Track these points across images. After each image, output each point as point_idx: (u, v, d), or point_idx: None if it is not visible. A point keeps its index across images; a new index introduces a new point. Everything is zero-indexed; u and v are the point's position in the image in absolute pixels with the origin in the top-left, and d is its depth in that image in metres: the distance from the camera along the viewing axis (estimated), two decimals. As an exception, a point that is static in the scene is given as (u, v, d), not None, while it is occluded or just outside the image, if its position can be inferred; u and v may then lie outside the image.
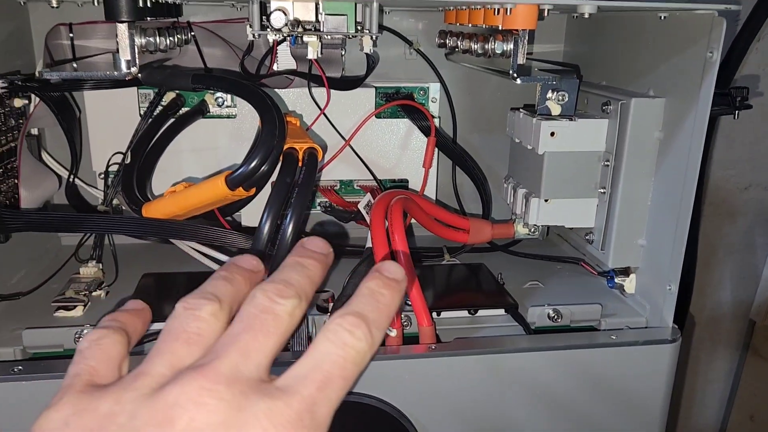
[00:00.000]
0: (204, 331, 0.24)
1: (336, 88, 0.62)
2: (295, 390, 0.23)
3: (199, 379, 0.22)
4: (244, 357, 0.23)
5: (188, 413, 0.21)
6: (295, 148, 0.49)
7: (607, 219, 0.58)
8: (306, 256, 0.27)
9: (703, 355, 1.24)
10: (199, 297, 0.25)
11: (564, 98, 0.56)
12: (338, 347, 0.24)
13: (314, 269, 0.27)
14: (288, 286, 0.25)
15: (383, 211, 0.54)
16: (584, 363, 0.52)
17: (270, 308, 0.24)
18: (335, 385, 0.23)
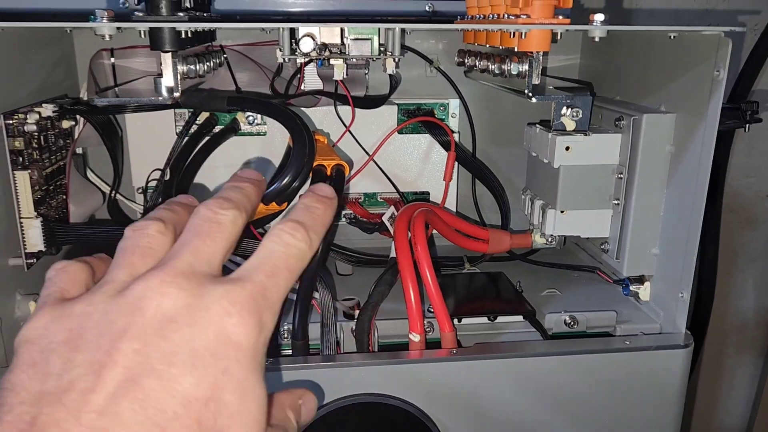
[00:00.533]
0: (154, 245, 0.27)
1: (360, 107, 0.65)
2: (248, 278, 0.26)
3: (159, 275, 0.25)
4: (196, 256, 0.26)
5: (155, 301, 0.24)
6: (324, 165, 0.52)
7: (621, 229, 0.61)
8: (240, 181, 0.31)
9: (727, 361, 1.25)
10: (143, 220, 0.28)
11: (578, 114, 0.59)
12: (281, 245, 0.27)
13: (249, 189, 0.30)
14: (226, 200, 0.28)
15: (406, 223, 0.57)
16: (599, 367, 0.54)
17: (213, 217, 0.27)
18: (282, 274, 0.27)
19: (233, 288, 0.25)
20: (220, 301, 0.25)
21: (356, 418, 0.52)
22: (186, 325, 0.24)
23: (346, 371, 0.51)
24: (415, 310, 0.54)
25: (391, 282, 0.56)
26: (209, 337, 0.24)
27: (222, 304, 0.24)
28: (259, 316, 0.25)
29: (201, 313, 0.24)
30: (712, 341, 1.18)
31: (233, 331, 0.24)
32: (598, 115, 0.64)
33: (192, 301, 0.24)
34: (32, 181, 0.54)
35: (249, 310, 0.25)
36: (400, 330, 0.56)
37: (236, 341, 0.24)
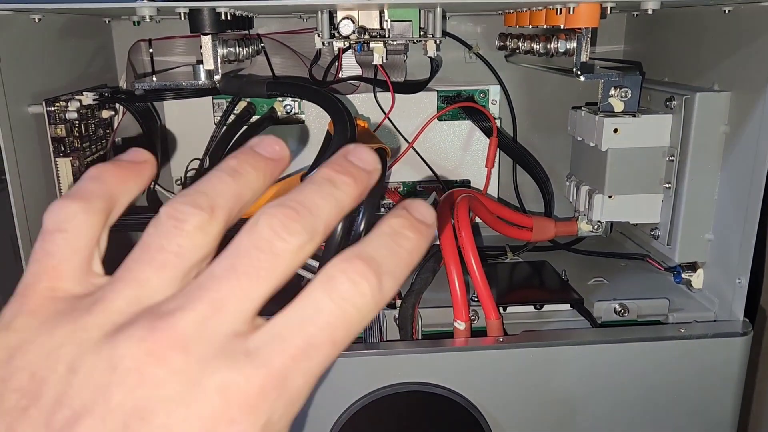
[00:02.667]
0: (185, 249, 0.19)
1: (400, 92, 0.64)
2: (266, 358, 0.18)
3: (149, 341, 0.18)
4: (216, 310, 0.18)
5: (128, 384, 0.17)
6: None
7: (672, 214, 0.59)
8: (342, 172, 0.20)
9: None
10: (188, 200, 0.19)
11: (627, 95, 0.57)
12: (334, 302, 0.18)
13: (348, 192, 0.20)
14: (302, 214, 0.19)
15: (449, 209, 0.56)
16: (652, 356, 0.52)
17: (270, 244, 0.19)
18: (320, 351, 0.18)
19: (236, 380, 0.18)
20: (212, 399, 0.18)
21: (400, 408, 0.51)
22: (156, 427, 0.17)
23: (390, 359, 0.50)
24: (460, 298, 0.52)
25: (435, 269, 0.55)
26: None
27: (213, 402, 0.18)
28: (265, 419, 0.18)
29: (182, 411, 0.17)
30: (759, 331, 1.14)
31: (223, 429, 0.17)
32: (646, 96, 0.62)
33: (176, 393, 0.18)
34: (74, 169, 0.54)
35: (251, 411, 0.18)
36: (444, 318, 0.55)
37: None
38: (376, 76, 0.62)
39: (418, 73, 0.71)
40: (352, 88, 0.64)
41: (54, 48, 0.57)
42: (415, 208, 0.20)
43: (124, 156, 0.22)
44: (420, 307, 0.55)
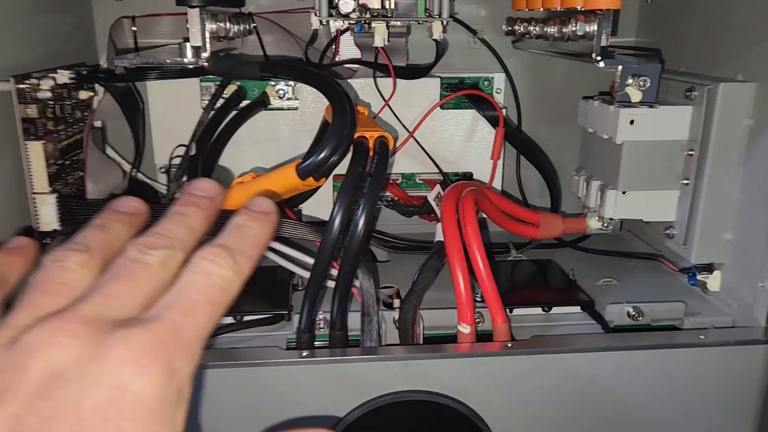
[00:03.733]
0: (71, 281, 0.23)
1: (402, 77, 0.60)
2: (156, 317, 0.22)
3: (54, 321, 0.21)
4: (107, 299, 0.22)
5: (42, 354, 0.20)
6: (366, 137, 0.47)
7: (690, 212, 0.55)
8: (188, 204, 0.26)
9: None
10: (67, 248, 0.24)
11: (645, 84, 0.53)
12: (201, 276, 0.24)
13: (195, 217, 0.26)
14: (161, 237, 0.24)
15: (454, 203, 0.52)
16: (669, 365, 0.49)
17: (139, 258, 0.23)
18: (201, 309, 0.23)
19: (135, 331, 0.21)
20: (117, 349, 0.20)
21: (399, 418, 0.47)
22: (73, 380, 0.20)
23: (389, 365, 0.46)
24: (465, 299, 0.48)
25: (438, 268, 0.51)
26: (100, 394, 0.20)
27: (119, 352, 0.20)
28: (166, 362, 0.21)
29: (93, 364, 0.20)
30: None
31: (131, 382, 0.20)
32: (663, 87, 0.58)
33: (85, 352, 0.20)
34: (47, 153, 0.50)
35: (152, 355, 0.21)
36: (447, 321, 0.51)
37: (135, 394, 0.20)
38: (376, 60, 0.58)
39: (418, 58, 0.67)
40: (350, 73, 0.60)
41: (27, 21, 0.52)
42: (253, 203, 0.27)
43: (10, 243, 0.27)
44: (422, 308, 0.51)
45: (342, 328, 0.48)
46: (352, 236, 0.45)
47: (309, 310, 0.47)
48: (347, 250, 0.45)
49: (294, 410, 0.46)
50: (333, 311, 0.47)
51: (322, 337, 0.49)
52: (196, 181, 0.28)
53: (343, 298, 0.47)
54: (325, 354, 0.46)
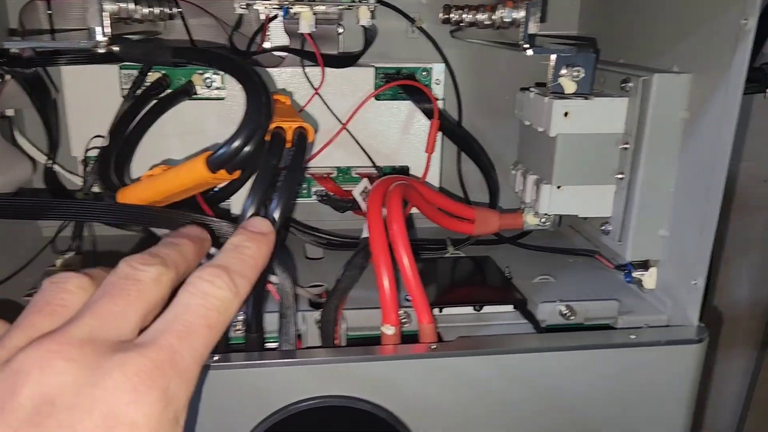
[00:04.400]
0: (69, 302, 0.23)
1: (331, 66, 0.57)
2: (152, 342, 0.22)
3: (46, 344, 0.20)
4: (100, 319, 0.22)
5: (34, 378, 0.19)
6: (283, 128, 0.44)
7: (625, 207, 0.54)
8: (180, 236, 0.28)
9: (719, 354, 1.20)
10: (67, 273, 0.24)
11: (579, 74, 0.51)
12: (198, 297, 0.23)
13: (185, 247, 0.27)
14: (154, 256, 0.25)
15: (381, 198, 0.49)
16: (600, 364, 0.47)
17: (131, 275, 0.23)
18: (198, 333, 0.23)
19: (130, 356, 0.21)
20: (113, 374, 0.20)
21: (318, 425, 0.45)
22: (66, 408, 0.19)
23: (308, 369, 0.44)
24: (389, 299, 0.46)
25: (362, 266, 0.49)
26: (93, 422, 0.19)
27: (114, 377, 0.20)
28: (163, 388, 0.21)
29: (87, 390, 0.20)
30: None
31: (126, 410, 0.20)
32: (600, 78, 0.56)
33: (79, 376, 0.20)
34: (-63, 144, 0.46)
35: (149, 382, 0.20)
36: (371, 321, 0.49)
37: (130, 423, 0.20)
38: (303, 47, 0.55)
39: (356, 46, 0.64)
40: (278, 60, 0.57)
41: None
42: (250, 224, 0.29)
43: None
44: (345, 308, 0.49)
45: (258, 330, 0.45)
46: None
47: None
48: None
49: (204, 419, 0.43)
50: (248, 312, 0.44)
51: (240, 339, 0.46)
52: (185, 229, 0.29)
53: (257, 298, 0.44)
54: (238, 358, 0.44)
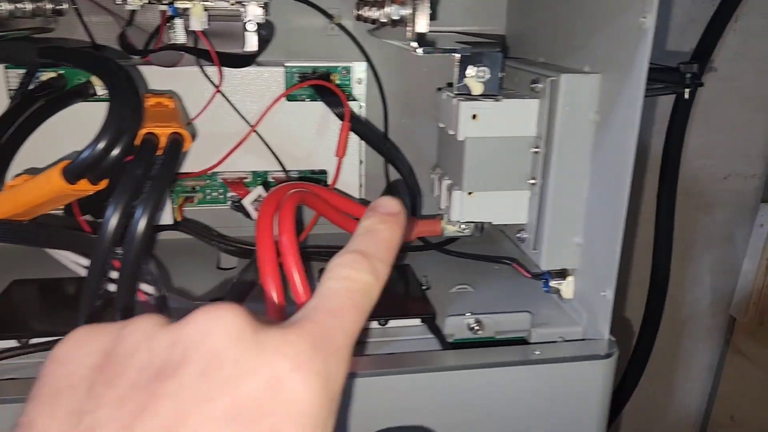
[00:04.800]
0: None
1: (228, 65, 0.54)
2: (307, 318, 0.22)
3: (223, 305, 0.21)
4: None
5: (204, 332, 0.20)
6: (155, 133, 0.41)
7: (538, 214, 0.51)
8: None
9: (682, 352, 1.18)
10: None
11: (485, 75, 0.48)
12: (341, 281, 0.23)
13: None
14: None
15: (273, 208, 0.46)
16: (504, 382, 0.45)
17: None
18: (347, 314, 0.22)
19: (290, 329, 0.21)
20: (275, 339, 0.20)
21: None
22: (232, 363, 0.19)
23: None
24: (276, 317, 0.43)
25: (253, 281, 0.46)
26: (258, 384, 0.19)
27: (276, 342, 0.20)
28: (322, 364, 0.20)
29: (252, 350, 0.20)
30: (667, 331, 1.11)
31: (289, 377, 0.20)
32: (515, 79, 0.53)
33: (244, 336, 0.20)
34: None
35: (309, 352, 0.20)
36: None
37: (292, 393, 0.19)
38: (196, 45, 0.52)
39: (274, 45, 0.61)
40: (176, 59, 0.54)
41: None
42: (380, 205, 0.27)
43: None
44: (234, 325, 0.46)
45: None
46: (126, 246, 0.39)
47: None
48: (123, 264, 0.39)
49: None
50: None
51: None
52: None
53: (125, 314, 0.41)
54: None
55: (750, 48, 0.85)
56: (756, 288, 1.04)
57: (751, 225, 1.02)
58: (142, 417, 0.18)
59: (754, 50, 0.85)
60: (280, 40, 0.63)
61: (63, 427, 0.19)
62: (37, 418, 0.20)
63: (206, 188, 0.62)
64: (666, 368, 1.17)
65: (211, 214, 0.64)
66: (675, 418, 1.23)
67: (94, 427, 0.19)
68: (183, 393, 0.19)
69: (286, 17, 0.63)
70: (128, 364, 0.20)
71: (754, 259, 1.04)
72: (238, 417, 0.19)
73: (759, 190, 0.98)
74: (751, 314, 1.02)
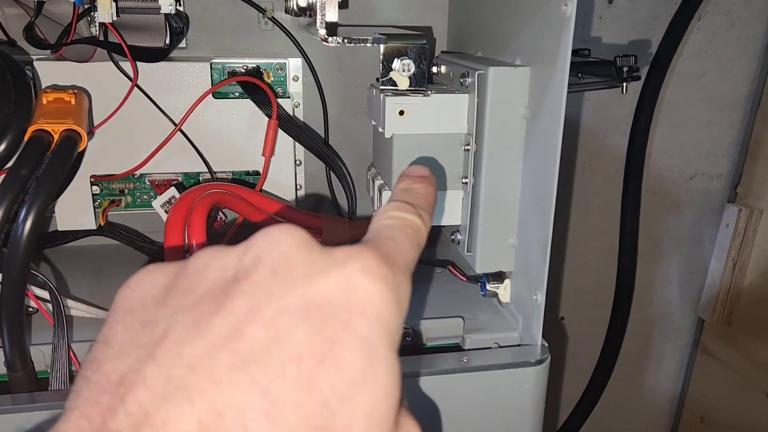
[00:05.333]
0: None
1: (141, 60, 0.51)
2: (371, 239, 0.22)
3: (286, 224, 0.21)
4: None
5: (273, 242, 0.20)
6: (47, 130, 0.38)
7: (471, 215, 0.49)
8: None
9: (652, 353, 1.17)
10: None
11: (409, 68, 0.46)
12: (393, 219, 0.24)
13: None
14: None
15: (185, 210, 0.44)
16: (434, 391, 0.42)
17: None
18: (404, 241, 0.23)
19: (355, 246, 0.21)
20: (344, 250, 0.20)
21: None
22: (303, 263, 0.20)
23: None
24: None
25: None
26: (330, 282, 0.19)
27: (345, 252, 0.20)
28: (390, 273, 0.20)
29: (322, 256, 0.20)
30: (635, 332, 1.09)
31: (360, 281, 0.20)
32: (449, 74, 0.51)
33: (315, 246, 0.20)
34: None
35: (377, 264, 0.20)
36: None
37: (364, 293, 0.19)
38: (107, 38, 0.49)
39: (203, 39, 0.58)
40: (89, 53, 0.51)
41: None
42: (409, 170, 0.28)
43: None
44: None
45: (25, 366, 0.39)
46: (10, 251, 0.36)
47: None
48: (6, 269, 0.36)
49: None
50: (5, 347, 0.38)
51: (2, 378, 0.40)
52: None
53: (12, 328, 0.38)
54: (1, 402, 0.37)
55: (714, 47, 0.84)
56: (723, 288, 1.03)
57: (718, 225, 1.01)
58: (217, 315, 0.19)
59: (718, 49, 0.84)
60: (211, 36, 0.61)
61: (139, 335, 0.19)
62: (112, 334, 0.20)
63: (135, 191, 0.59)
64: (635, 370, 1.16)
65: (141, 217, 0.61)
66: (645, 420, 1.22)
67: (168, 330, 0.19)
68: (256, 291, 0.19)
69: (217, 11, 0.60)
70: (200, 278, 0.20)
71: (721, 260, 1.03)
72: (311, 312, 0.19)
73: (725, 190, 0.97)
74: (718, 315, 1.00)
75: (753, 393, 0.95)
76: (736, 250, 0.97)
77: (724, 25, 0.83)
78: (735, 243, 0.96)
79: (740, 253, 0.99)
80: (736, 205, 0.93)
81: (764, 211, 0.91)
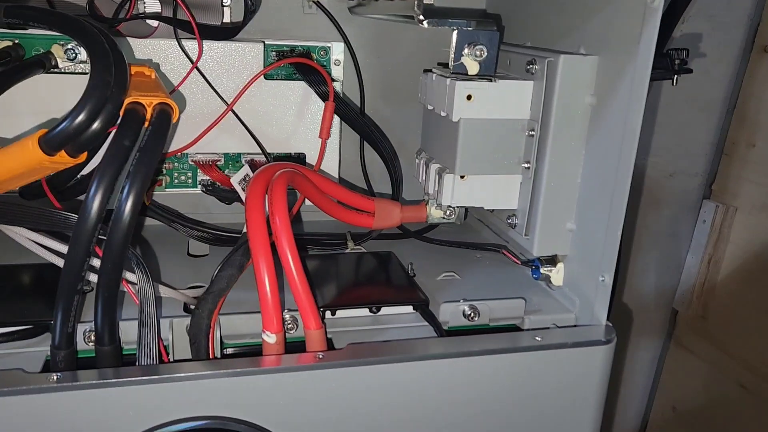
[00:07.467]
0: None
1: (208, 38, 0.50)
2: None
3: None
4: None
5: None
6: (142, 103, 0.37)
7: (531, 199, 0.50)
8: None
9: (626, 346, 1.21)
10: None
11: (482, 53, 0.47)
12: None
13: None
14: None
15: (263, 187, 0.44)
16: (505, 369, 0.43)
17: None
18: None
19: None
20: None
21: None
22: None
23: (172, 387, 0.37)
24: (270, 302, 0.40)
25: (242, 264, 0.43)
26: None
27: None
28: None
29: None
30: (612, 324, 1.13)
31: None
32: (506, 60, 0.52)
33: None
34: None
35: None
36: (251, 328, 0.43)
37: None
38: (176, 15, 0.48)
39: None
40: (149, 30, 0.50)
41: None
42: None
43: None
44: (221, 313, 0.43)
45: (112, 341, 0.38)
46: (114, 226, 0.35)
47: (63, 321, 0.37)
48: (108, 244, 0.36)
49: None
50: (96, 321, 0.37)
51: (85, 352, 0.39)
52: None
53: (107, 304, 0.37)
54: (86, 377, 0.37)
55: (695, 50, 0.88)
56: (699, 282, 1.07)
57: (695, 221, 1.05)
58: None
59: (699, 52, 0.88)
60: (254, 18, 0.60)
61: None
62: None
63: (174, 171, 0.58)
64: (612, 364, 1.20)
65: (179, 198, 0.60)
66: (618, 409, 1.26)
67: None
68: None
69: (263, -7, 0.60)
70: None
71: (697, 254, 1.07)
72: None
73: (702, 188, 1.01)
74: (694, 308, 1.05)
75: (726, 383, 0.99)
76: (712, 245, 1.01)
77: (705, 28, 0.87)
78: (711, 239, 1.00)
79: (716, 248, 1.03)
80: (713, 201, 0.97)
81: (739, 208, 0.95)
